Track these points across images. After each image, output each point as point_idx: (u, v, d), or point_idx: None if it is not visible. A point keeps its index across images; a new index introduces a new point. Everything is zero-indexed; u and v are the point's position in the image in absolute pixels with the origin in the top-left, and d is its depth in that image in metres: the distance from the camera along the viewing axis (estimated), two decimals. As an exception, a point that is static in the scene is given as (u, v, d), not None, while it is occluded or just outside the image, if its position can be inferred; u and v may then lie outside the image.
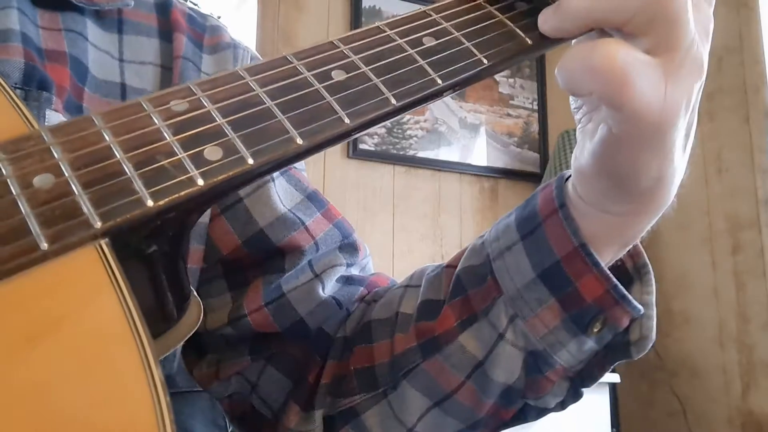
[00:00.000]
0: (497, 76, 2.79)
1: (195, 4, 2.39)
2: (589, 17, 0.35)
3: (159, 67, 0.56)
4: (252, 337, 0.56)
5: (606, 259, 0.43)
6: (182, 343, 0.36)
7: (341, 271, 0.57)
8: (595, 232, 0.42)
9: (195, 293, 0.36)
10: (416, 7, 0.37)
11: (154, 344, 0.26)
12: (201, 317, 0.36)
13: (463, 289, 0.48)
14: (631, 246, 0.44)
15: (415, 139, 2.58)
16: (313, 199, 0.60)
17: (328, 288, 0.56)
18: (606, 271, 0.42)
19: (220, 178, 0.29)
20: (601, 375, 0.47)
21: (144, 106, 0.30)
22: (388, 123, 2.59)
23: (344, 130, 0.32)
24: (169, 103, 0.31)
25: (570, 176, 0.43)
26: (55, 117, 0.46)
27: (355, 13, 2.57)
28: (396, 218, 2.51)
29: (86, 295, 0.27)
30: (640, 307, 0.44)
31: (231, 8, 2.67)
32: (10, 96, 0.31)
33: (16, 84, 0.46)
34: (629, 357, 0.45)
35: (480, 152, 2.69)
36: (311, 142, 0.31)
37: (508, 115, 2.78)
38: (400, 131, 2.56)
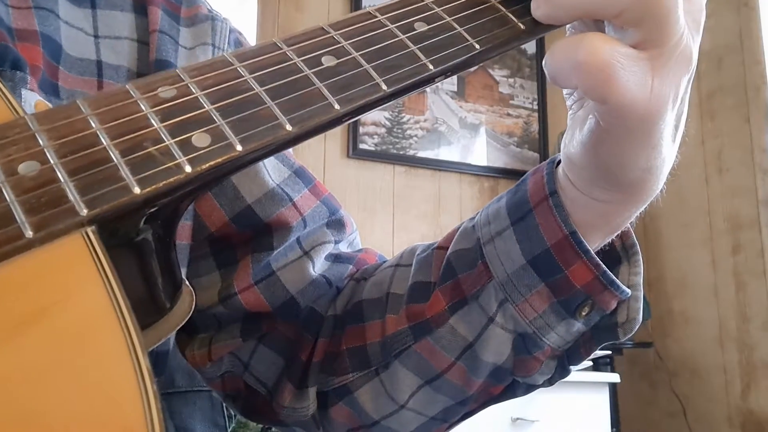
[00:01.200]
0: (497, 76, 2.79)
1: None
2: (580, 7, 0.35)
3: (135, 42, 0.55)
4: (243, 317, 0.56)
5: (594, 244, 0.44)
6: (174, 332, 0.36)
7: (329, 248, 0.58)
8: (584, 219, 0.42)
9: (187, 282, 0.36)
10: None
11: (144, 334, 0.26)
12: (193, 307, 0.36)
13: (454, 272, 0.48)
14: (619, 231, 0.45)
15: (415, 138, 2.58)
16: (300, 174, 0.59)
17: (318, 266, 0.56)
18: (595, 258, 0.43)
19: (208, 165, 0.28)
20: (589, 354, 0.48)
21: (131, 92, 0.30)
22: (387, 122, 2.58)
23: (334, 116, 0.31)
24: (157, 90, 0.30)
25: (560, 161, 0.43)
26: (30, 96, 0.46)
27: (355, 13, 2.57)
28: (396, 218, 2.51)
29: (72, 283, 0.26)
30: (627, 290, 0.45)
31: (231, 8, 2.67)
32: None
33: None
34: (616, 338, 0.46)
35: (480, 152, 2.69)
36: (301, 128, 0.30)
37: (508, 114, 2.78)
38: (400, 131, 2.56)
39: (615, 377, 2.17)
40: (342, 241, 0.60)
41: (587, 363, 2.11)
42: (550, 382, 0.50)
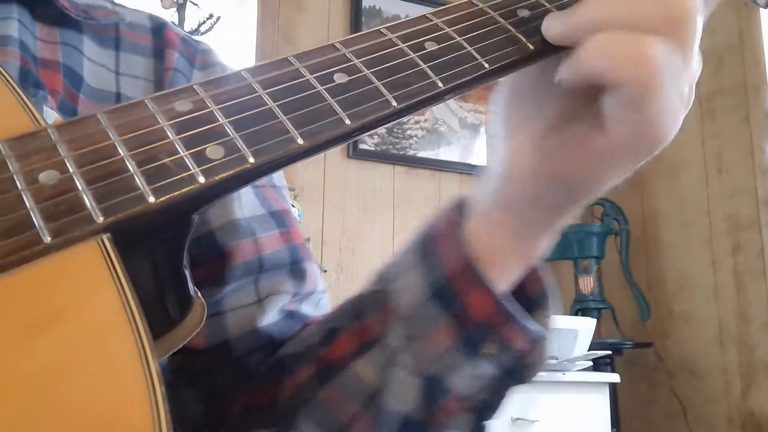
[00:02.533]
0: (497, 77, 2.79)
1: (195, 4, 2.39)
2: (599, 28, 0.35)
3: (151, 82, 0.56)
4: (182, 351, 0.54)
5: (508, 276, 0.42)
6: (185, 343, 0.36)
7: (285, 300, 0.55)
8: (497, 246, 0.41)
9: (198, 294, 0.36)
10: (417, 8, 0.37)
11: (154, 343, 0.27)
12: (204, 318, 0.36)
13: (361, 315, 0.47)
14: (531, 264, 0.43)
15: (415, 139, 2.58)
16: (276, 217, 0.57)
17: (269, 318, 0.54)
18: (493, 286, 0.41)
19: (221, 176, 0.29)
20: (500, 403, 0.45)
21: (149, 105, 0.31)
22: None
23: (345, 131, 0.32)
24: (173, 103, 0.31)
25: (471, 192, 0.43)
26: (50, 114, 0.47)
27: (355, 13, 2.57)
28: (396, 218, 2.52)
29: (86, 288, 0.27)
30: (536, 327, 0.43)
31: (231, 8, 2.68)
32: (18, 95, 0.32)
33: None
34: (522, 381, 0.44)
35: (480, 152, 2.69)
36: (312, 142, 0.31)
37: (509, 115, 2.78)
38: (400, 131, 2.56)
39: (615, 377, 2.17)
40: (301, 297, 0.57)
41: (587, 363, 2.12)
42: None
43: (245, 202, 0.56)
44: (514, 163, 0.40)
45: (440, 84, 0.34)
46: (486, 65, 0.35)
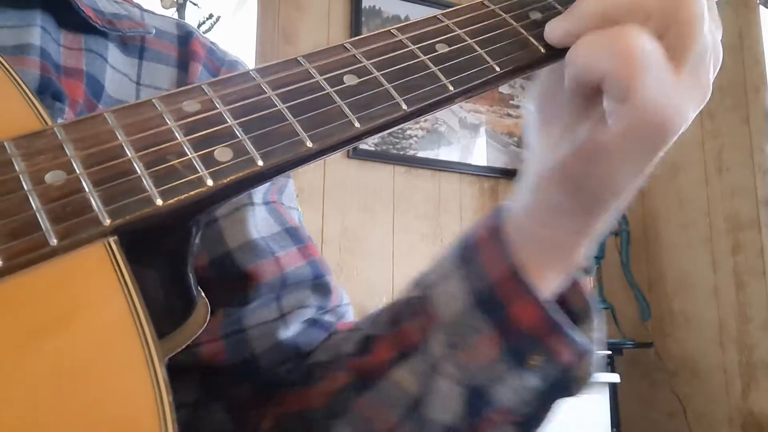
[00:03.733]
0: (497, 76, 2.79)
1: (195, 4, 2.39)
2: (601, 22, 0.35)
3: None
4: (202, 370, 0.53)
5: (547, 286, 0.41)
6: (189, 342, 0.36)
7: (310, 313, 0.55)
8: (534, 256, 0.41)
9: (203, 294, 0.36)
10: (417, 8, 0.37)
11: (160, 343, 0.26)
12: (208, 318, 0.36)
13: (399, 321, 0.46)
14: (573, 270, 0.43)
15: (415, 139, 2.58)
16: (291, 234, 0.57)
17: (292, 330, 0.53)
18: (540, 294, 0.40)
19: (230, 178, 0.29)
20: (544, 417, 0.44)
21: (156, 105, 0.31)
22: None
23: (354, 134, 0.32)
24: (182, 104, 0.31)
25: (508, 202, 0.42)
26: None
27: (355, 13, 2.57)
28: (396, 218, 2.52)
29: (93, 291, 0.27)
30: (583, 339, 0.42)
31: (231, 8, 2.68)
32: (26, 93, 0.32)
33: None
34: (569, 395, 0.43)
35: (480, 152, 2.69)
36: (321, 145, 0.31)
37: (508, 115, 2.78)
38: (400, 131, 2.56)
39: (615, 377, 2.17)
40: (327, 310, 0.56)
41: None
42: None
43: (260, 221, 0.55)
44: (537, 171, 0.40)
45: (451, 87, 0.34)
46: (497, 68, 0.35)
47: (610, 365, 2.34)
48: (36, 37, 0.49)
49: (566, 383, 0.43)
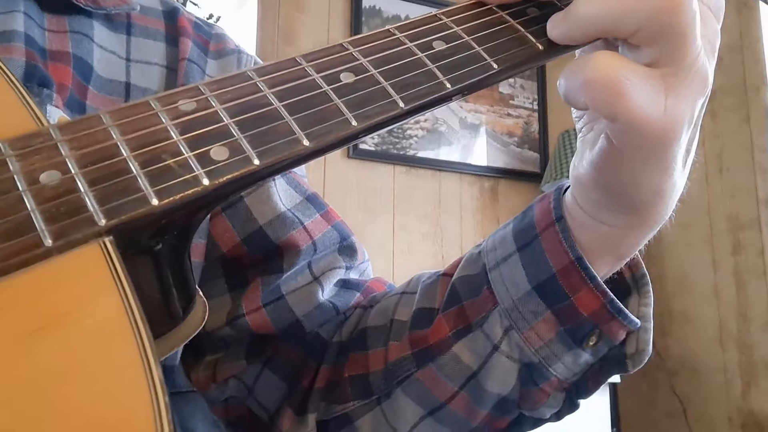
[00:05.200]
0: (497, 76, 2.78)
1: (195, 4, 2.39)
2: (595, 26, 0.34)
3: (164, 68, 0.56)
4: (249, 340, 0.56)
5: (602, 271, 0.43)
6: (186, 342, 0.36)
7: (340, 273, 0.57)
8: (591, 245, 0.42)
9: (200, 292, 0.36)
10: (417, 7, 0.37)
11: (156, 343, 0.26)
12: (206, 317, 0.36)
13: (459, 298, 0.47)
14: (628, 258, 0.44)
15: (415, 139, 2.58)
16: (312, 201, 0.60)
17: (327, 291, 0.56)
18: (602, 285, 0.42)
19: (226, 178, 0.29)
20: (597, 387, 0.47)
21: (152, 104, 0.30)
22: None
23: (351, 132, 0.32)
24: (177, 103, 0.31)
25: (569, 186, 0.43)
26: (55, 112, 0.46)
27: (355, 13, 2.57)
28: (396, 218, 2.51)
29: (88, 292, 0.27)
30: (636, 320, 0.44)
31: (231, 8, 2.67)
32: (20, 93, 0.32)
33: None
34: (625, 370, 0.45)
35: (480, 152, 2.69)
36: (318, 143, 0.31)
37: (509, 114, 2.78)
38: (400, 131, 2.56)
39: (615, 377, 2.17)
40: (353, 268, 0.59)
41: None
42: (557, 417, 0.49)
43: (283, 193, 0.58)
44: (576, 175, 0.41)
45: (448, 85, 0.34)
46: (495, 66, 0.35)
47: (610, 365, 2.34)
48: (20, 24, 0.49)
49: (620, 359, 0.45)
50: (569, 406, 0.48)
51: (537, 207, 0.45)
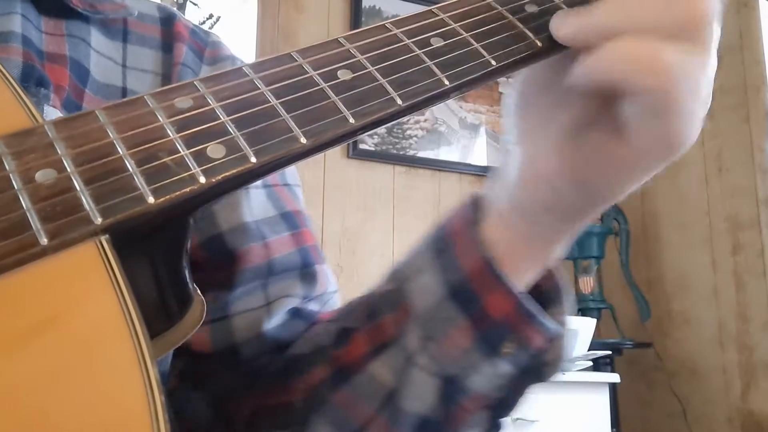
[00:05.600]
0: (497, 76, 2.79)
1: (195, 4, 2.39)
2: (614, 32, 0.34)
3: (159, 75, 0.56)
4: (187, 355, 0.53)
5: (522, 278, 0.42)
6: (184, 341, 0.36)
7: (294, 302, 0.54)
8: (511, 248, 0.41)
9: (198, 291, 0.36)
10: (417, 7, 0.37)
11: (153, 343, 0.26)
12: (203, 316, 0.36)
13: (375, 315, 0.46)
14: (552, 261, 0.43)
15: (415, 139, 2.58)
16: (287, 218, 0.57)
17: (275, 320, 0.53)
18: (512, 286, 0.41)
19: (222, 176, 0.29)
20: (517, 402, 0.45)
21: (148, 102, 0.30)
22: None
23: (349, 130, 0.31)
24: (174, 100, 0.30)
25: (485, 192, 0.42)
26: (52, 112, 0.46)
27: (355, 13, 2.57)
28: (396, 218, 2.51)
29: (84, 291, 0.27)
30: (553, 326, 0.42)
31: (231, 8, 2.67)
32: (16, 90, 0.31)
33: None
34: (540, 380, 0.43)
35: (480, 152, 2.68)
36: (315, 141, 0.31)
37: (508, 115, 2.78)
38: (400, 131, 2.56)
39: (615, 377, 2.17)
40: (312, 299, 0.56)
41: (587, 363, 2.12)
42: None
43: (255, 204, 0.55)
44: (529, 168, 0.39)
45: (446, 82, 0.34)
46: (493, 62, 0.35)
47: (610, 365, 2.34)
48: (17, 25, 0.48)
49: (538, 368, 0.43)
50: (493, 426, 0.46)
51: (450, 216, 0.44)
